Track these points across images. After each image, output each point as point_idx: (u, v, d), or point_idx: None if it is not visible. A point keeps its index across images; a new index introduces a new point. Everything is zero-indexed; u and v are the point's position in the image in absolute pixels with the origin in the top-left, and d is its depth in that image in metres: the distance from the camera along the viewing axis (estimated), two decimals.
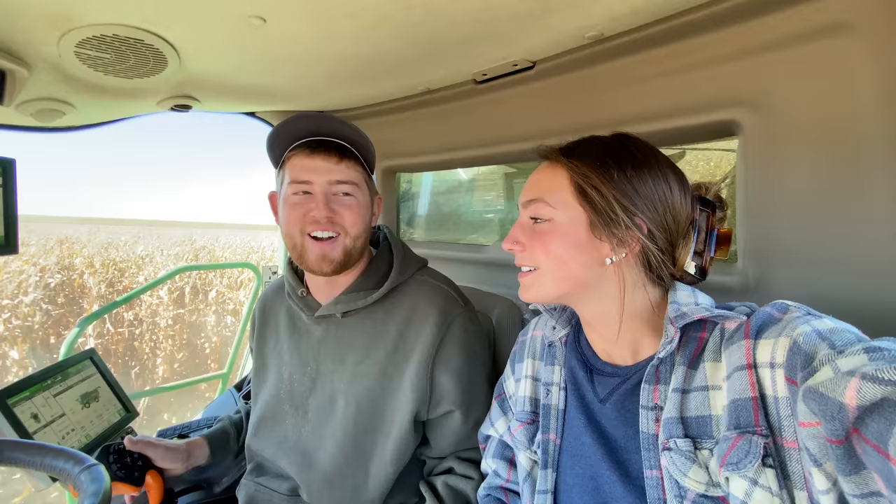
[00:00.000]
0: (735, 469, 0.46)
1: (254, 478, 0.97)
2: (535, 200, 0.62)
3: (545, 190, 0.62)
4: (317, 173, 0.83)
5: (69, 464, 0.57)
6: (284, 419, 0.94)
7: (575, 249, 0.59)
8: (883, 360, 0.38)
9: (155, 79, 1.06)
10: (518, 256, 0.64)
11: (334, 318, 0.91)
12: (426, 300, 0.89)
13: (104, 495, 0.51)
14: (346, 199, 0.85)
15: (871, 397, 0.36)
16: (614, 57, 0.95)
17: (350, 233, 0.85)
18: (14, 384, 0.91)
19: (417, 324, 0.87)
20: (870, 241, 0.70)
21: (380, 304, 0.90)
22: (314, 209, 0.83)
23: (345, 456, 0.87)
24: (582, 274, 0.60)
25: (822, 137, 0.73)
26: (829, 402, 0.38)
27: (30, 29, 0.83)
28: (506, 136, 1.22)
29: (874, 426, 0.35)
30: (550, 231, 0.60)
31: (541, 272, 0.61)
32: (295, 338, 0.96)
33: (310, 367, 0.93)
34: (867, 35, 0.67)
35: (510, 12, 0.82)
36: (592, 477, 0.60)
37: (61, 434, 0.93)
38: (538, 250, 0.61)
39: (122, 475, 0.86)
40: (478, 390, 0.89)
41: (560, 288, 0.61)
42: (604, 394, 0.62)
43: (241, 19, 0.83)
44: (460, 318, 0.88)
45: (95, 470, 0.55)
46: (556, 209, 0.60)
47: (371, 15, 0.82)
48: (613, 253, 0.59)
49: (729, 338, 0.53)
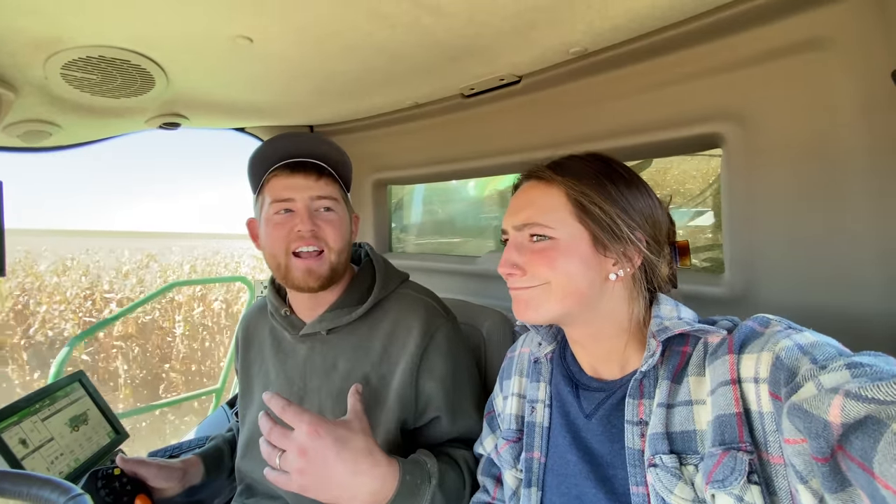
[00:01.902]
0: (721, 486, 0.46)
1: (243, 499, 0.96)
2: (530, 224, 0.60)
3: (540, 211, 0.60)
4: (298, 190, 0.85)
5: (55, 494, 0.56)
6: None
7: (582, 265, 0.58)
8: (865, 376, 0.38)
9: (143, 98, 1.06)
10: (517, 281, 0.61)
11: (319, 335, 0.92)
12: (409, 312, 0.90)
13: None
14: (328, 215, 0.87)
15: (854, 415, 0.36)
16: (599, 72, 0.96)
17: (333, 248, 0.87)
18: (1, 410, 0.90)
19: (401, 336, 0.88)
20: (852, 251, 0.72)
21: (363, 319, 0.91)
22: (298, 224, 0.84)
23: None
24: (587, 290, 0.58)
25: (803, 150, 0.74)
26: (813, 419, 0.38)
27: (16, 53, 0.83)
28: (494, 149, 1.23)
29: (858, 444, 0.35)
30: (554, 248, 0.58)
31: (547, 288, 0.59)
32: (280, 357, 0.96)
33: (296, 386, 0.93)
34: (845, 50, 0.69)
35: (494, 29, 0.83)
36: (578, 496, 0.60)
37: (50, 459, 0.92)
38: (543, 268, 0.58)
39: (110, 500, 0.84)
40: (462, 397, 0.89)
41: (564, 305, 0.59)
42: (589, 409, 0.62)
43: (227, 40, 0.83)
44: (443, 328, 0.90)
45: (81, 500, 0.54)
46: (556, 229, 0.59)
47: (355, 34, 0.83)
48: (619, 268, 0.59)
49: (713, 352, 0.53)
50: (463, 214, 1.85)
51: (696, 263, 1.19)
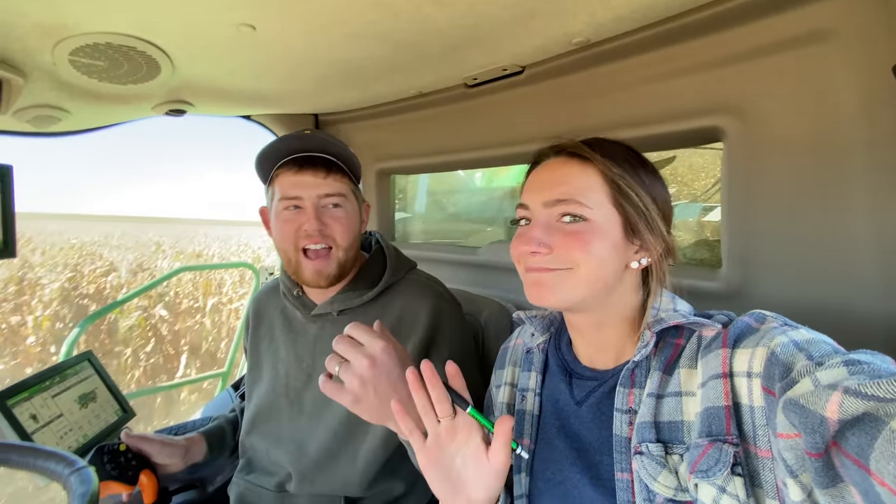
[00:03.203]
0: (704, 476, 0.47)
1: (244, 475, 1.00)
2: (566, 201, 0.57)
3: (578, 189, 0.57)
4: (305, 188, 0.87)
5: (60, 465, 0.58)
6: (280, 413, 0.98)
7: (612, 250, 0.56)
8: (863, 374, 0.38)
9: (149, 84, 1.07)
10: (540, 260, 0.57)
11: (330, 316, 0.95)
12: (418, 298, 0.93)
13: (91, 497, 0.52)
14: (336, 211, 0.89)
15: (852, 411, 0.36)
16: (601, 63, 0.96)
17: (341, 245, 0.89)
18: (13, 385, 0.93)
19: (409, 320, 0.91)
20: (851, 247, 0.71)
21: (373, 302, 0.94)
22: (305, 223, 0.87)
23: (337, 442, 0.91)
24: (611, 278, 0.57)
25: (804, 144, 0.74)
26: (809, 414, 0.38)
27: (24, 38, 0.84)
28: (498, 139, 1.23)
29: (854, 440, 0.35)
30: (589, 230, 0.56)
31: (575, 272, 0.56)
32: (291, 336, 1.00)
33: (305, 363, 0.97)
34: (847, 43, 0.68)
35: (495, 18, 0.83)
36: (561, 482, 0.61)
37: (59, 434, 0.95)
38: (575, 251, 0.56)
39: (115, 474, 0.88)
40: (467, 380, 0.92)
41: (587, 292, 0.56)
42: (580, 396, 0.63)
43: (231, 27, 0.84)
44: (450, 317, 0.93)
45: (85, 472, 0.57)
46: (593, 210, 0.56)
47: (358, 22, 0.83)
48: (640, 256, 0.58)
49: (707, 346, 0.53)
50: (469, 206, 1.86)
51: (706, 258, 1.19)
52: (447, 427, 0.59)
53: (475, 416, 0.58)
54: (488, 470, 0.57)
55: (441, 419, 0.59)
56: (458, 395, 0.59)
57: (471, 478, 0.59)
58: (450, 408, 0.59)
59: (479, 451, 0.58)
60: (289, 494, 0.94)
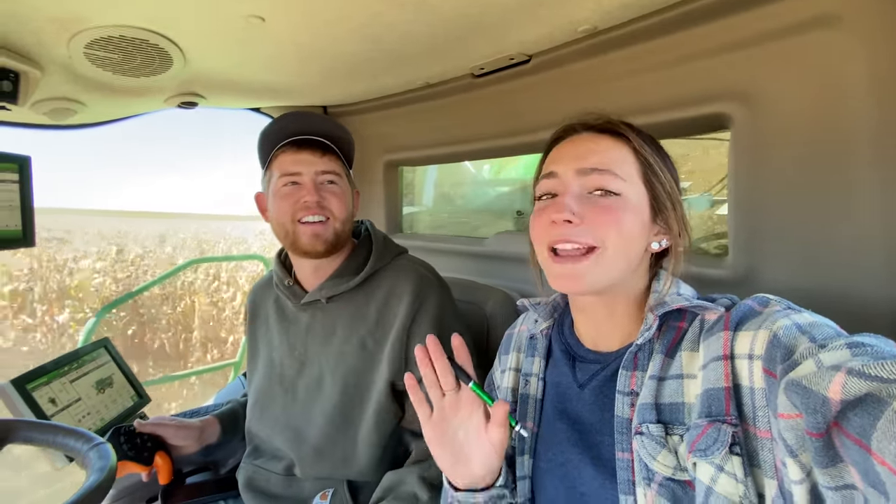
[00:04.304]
0: (703, 455, 0.48)
1: (252, 460, 1.02)
2: (602, 171, 0.54)
3: (614, 160, 0.55)
4: (304, 165, 0.91)
5: (79, 442, 0.61)
6: (275, 401, 1.00)
7: (641, 229, 0.56)
8: (867, 355, 0.38)
9: (161, 77, 1.10)
10: (570, 231, 0.55)
11: (319, 303, 0.97)
12: (402, 280, 0.95)
13: (109, 471, 0.55)
14: (332, 187, 0.93)
15: (855, 392, 0.36)
16: (608, 50, 0.95)
17: (338, 216, 0.93)
18: (33, 370, 0.97)
19: (394, 304, 0.93)
20: (858, 234, 0.71)
21: (361, 288, 0.96)
22: (305, 196, 0.90)
23: (334, 427, 0.93)
24: (635, 258, 0.57)
25: (811, 131, 0.73)
26: (812, 395, 0.38)
27: (41, 32, 0.86)
28: (505, 129, 1.23)
29: (857, 421, 0.35)
30: (622, 206, 0.54)
31: (602, 254, 0.54)
32: (284, 325, 1.03)
33: (298, 351, 0.99)
34: (856, 28, 0.67)
35: (501, 7, 0.83)
36: (562, 463, 0.62)
37: (77, 417, 0.99)
38: (608, 226, 0.54)
39: (131, 455, 0.91)
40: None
41: (615, 273, 0.56)
42: (583, 379, 0.63)
43: (240, 18, 0.85)
44: (434, 295, 0.94)
45: (103, 448, 0.59)
46: (627, 183, 0.55)
47: (363, 13, 0.84)
48: (661, 238, 0.58)
49: (709, 329, 0.54)
50: (477, 198, 1.86)
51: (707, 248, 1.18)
52: (451, 401, 0.61)
53: (476, 392, 0.60)
54: (488, 445, 0.60)
55: (445, 392, 0.61)
56: (461, 371, 0.61)
57: (473, 451, 0.61)
58: (453, 381, 0.60)
59: (480, 425, 0.60)
60: (296, 478, 0.96)
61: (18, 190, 0.94)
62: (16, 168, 0.94)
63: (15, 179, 0.94)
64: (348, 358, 0.93)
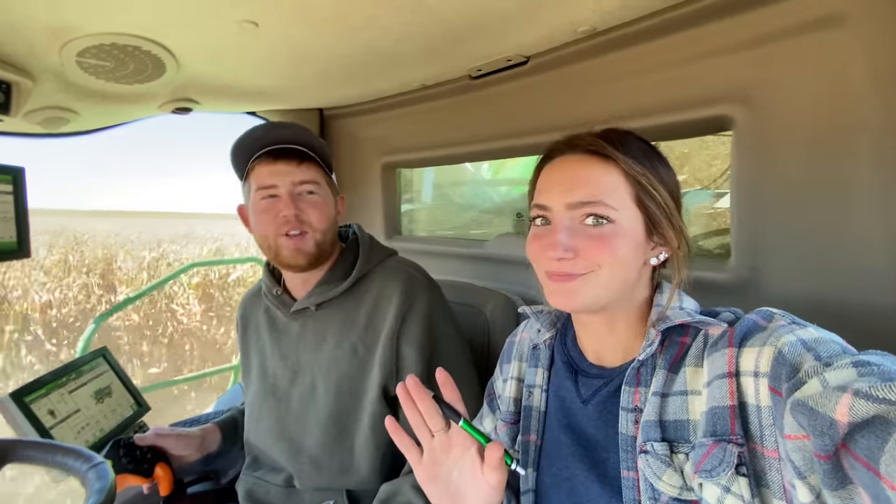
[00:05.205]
0: (709, 476, 0.47)
1: (251, 472, 1.02)
2: (592, 203, 0.54)
3: (603, 190, 0.55)
4: (280, 176, 0.89)
5: (78, 462, 0.60)
6: (270, 412, 0.99)
7: (635, 250, 0.56)
8: (873, 375, 0.38)
9: (155, 83, 1.08)
10: (565, 266, 0.56)
11: (309, 311, 0.96)
12: (390, 282, 0.94)
13: (108, 493, 0.54)
14: (311, 198, 0.91)
15: (863, 414, 0.35)
16: (608, 51, 0.94)
17: (318, 228, 0.91)
18: (31, 382, 0.95)
19: (383, 306, 0.92)
20: (862, 238, 0.70)
21: (350, 293, 0.95)
22: (283, 209, 0.88)
23: (330, 437, 0.92)
24: (633, 276, 0.57)
25: (814, 133, 0.72)
26: (818, 416, 0.38)
27: (32, 41, 0.85)
28: (503, 130, 1.22)
29: (864, 443, 0.34)
30: (615, 233, 0.54)
31: (597, 274, 0.55)
32: (275, 335, 1.02)
33: (290, 360, 0.98)
34: (860, 28, 0.66)
35: (500, 7, 0.82)
36: (568, 478, 0.61)
37: (76, 429, 0.98)
38: (603, 255, 0.54)
39: (131, 468, 0.90)
40: (444, 366, 0.91)
41: (612, 292, 0.56)
42: (587, 395, 0.62)
43: (233, 24, 0.84)
44: (423, 296, 0.93)
45: (102, 468, 0.58)
46: (619, 211, 0.54)
47: (358, 16, 0.83)
48: (659, 252, 0.58)
49: (713, 344, 0.53)
50: (475, 197, 1.85)
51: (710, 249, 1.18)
52: (441, 441, 0.58)
53: (468, 430, 0.56)
54: (486, 487, 0.57)
55: (434, 433, 0.58)
56: (449, 408, 0.57)
57: (469, 491, 0.58)
58: (441, 421, 0.57)
59: (475, 464, 0.57)
60: (295, 490, 0.96)
61: (13, 202, 0.93)
62: (10, 179, 0.93)
63: (9, 191, 0.93)
64: (340, 364, 0.93)
